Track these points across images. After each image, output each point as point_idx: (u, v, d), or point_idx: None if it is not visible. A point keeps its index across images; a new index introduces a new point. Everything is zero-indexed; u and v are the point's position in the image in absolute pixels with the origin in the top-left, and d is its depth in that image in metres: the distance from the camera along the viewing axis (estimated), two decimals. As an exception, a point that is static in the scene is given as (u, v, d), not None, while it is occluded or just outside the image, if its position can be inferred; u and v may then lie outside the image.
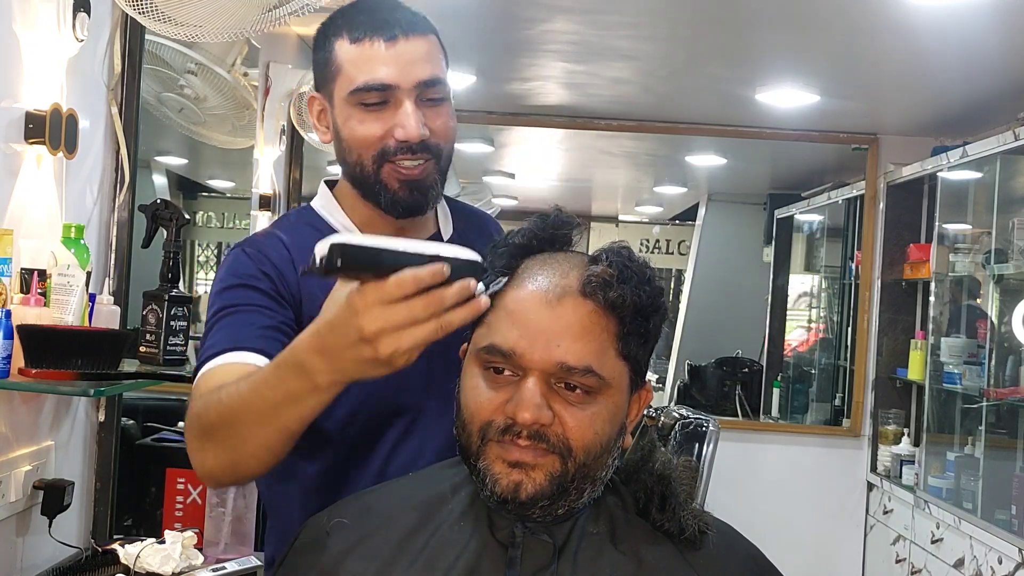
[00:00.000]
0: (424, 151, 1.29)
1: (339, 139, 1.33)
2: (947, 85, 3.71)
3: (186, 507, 2.27)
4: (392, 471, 1.30)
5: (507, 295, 1.08)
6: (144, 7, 1.79)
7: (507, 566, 1.07)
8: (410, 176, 1.29)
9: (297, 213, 1.43)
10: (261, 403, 1.06)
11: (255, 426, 1.08)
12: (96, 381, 1.75)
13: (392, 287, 0.92)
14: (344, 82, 1.29)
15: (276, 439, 1.09)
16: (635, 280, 1.07)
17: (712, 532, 1.12)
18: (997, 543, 3.36)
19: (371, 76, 1.27)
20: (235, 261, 1.31)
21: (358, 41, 1.28)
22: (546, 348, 1.04)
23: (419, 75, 1.27)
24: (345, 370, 0.99)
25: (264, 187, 3.16)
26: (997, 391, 3.65)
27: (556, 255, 1.12)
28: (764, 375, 5.95)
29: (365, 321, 0.94)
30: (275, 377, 1.05)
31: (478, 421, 1.07)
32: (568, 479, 1.06)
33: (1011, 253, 3.58)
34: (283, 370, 1.04)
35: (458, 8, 3.10)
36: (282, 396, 1.04)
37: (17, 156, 1.79)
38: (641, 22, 3.21)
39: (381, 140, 1.28)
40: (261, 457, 1.11)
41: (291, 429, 1.08)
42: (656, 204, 7.73)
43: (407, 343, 0.95)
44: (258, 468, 1.13)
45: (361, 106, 1.28)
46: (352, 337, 0.95)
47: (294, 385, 1.03)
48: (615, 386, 1.08)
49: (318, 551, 1.12)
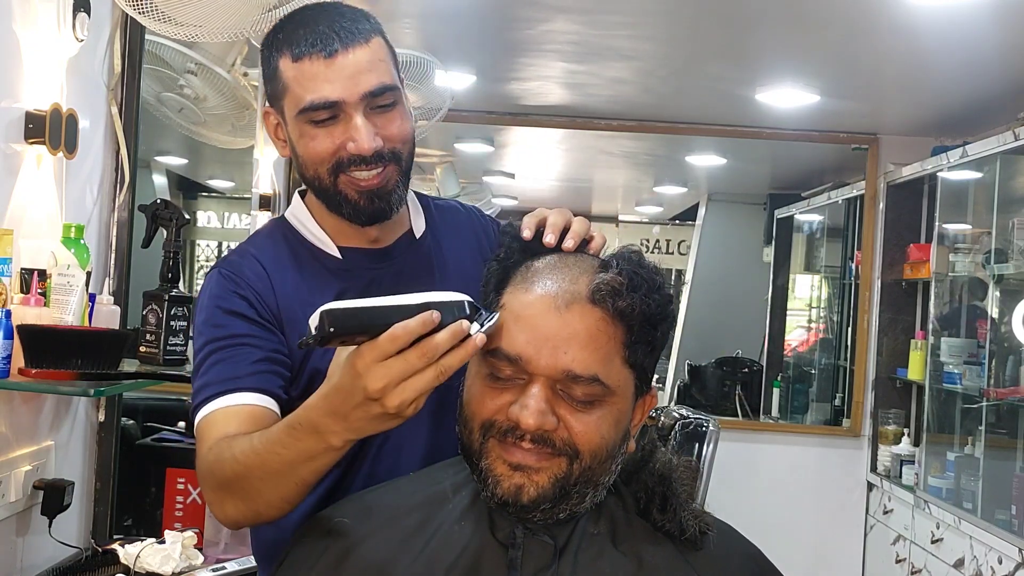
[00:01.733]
0: (379, 160, 1.28)
1: (295, 154, 1.33)
2: (947, 85, 3.71)
3: (186, 507, 2.27)
4: (380, 472, 1.30)
5: (515, 298, 1.07)
6: (144, 7, 1.79)
7: (508, 567, 1.06)
8: (369, 186, 1.29)
9: (270, 226, 1.43)
10: (277, 461, 1.09)
11: (271, 482, 1.11)
12: (96, 381, 1.75)
13: (386, 343, 0.96)
14: (292, 100, 1.29)
15: (294, 491, 1.12)
16: (645, 288, 1.06)
17: (713, 532, 1.12)
18: (997, 543, 3.36)
19: (316, 95, 1.26)
20: (215, 286, 1.31)
21: (299, 59, 1.26)
22: (553, 355, 1.03)
23: (364, 87, 1.26)
24: (359, 428, 1.03)
25: (264, 187, 3.16)
26: (997, 391, 3.65)
27: (566, 258, 1.11)
28: (764, 375, 5.94)
29: (368, 381, 0.97)
30: (290, 437, 1.08)
31: (479, 419, 1.07)
32: (571, 482, 1.05)
33: (1011, 253, 3.58)
34: (298, 431, 1.07)
35: (458, 8, 3.10)
36: (297, 455, 1.07)
37: (17, 156, 1.79)
38: (641, 22, 3.21)
39: (334, 154, 1.28)
40: (281, 507, 1.14)
41: (308, 482, 1.11)
42: (656, 204, 7.73)
43: (410, 394, 0.98)
44: (279, 514, 1.16)
45: (312, 123, 1.28)
46: (359, 398, 0.99)
47: (309, 445, 1.06)
48: (620, 394, 1.07)
49: (319, 551, 1.11)
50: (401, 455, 1.32)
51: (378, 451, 1.32)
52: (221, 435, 1.18)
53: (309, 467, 1.08)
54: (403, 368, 0.96)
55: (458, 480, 1.14)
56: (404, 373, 0.97)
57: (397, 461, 1.31)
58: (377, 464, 1.32)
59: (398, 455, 1.32)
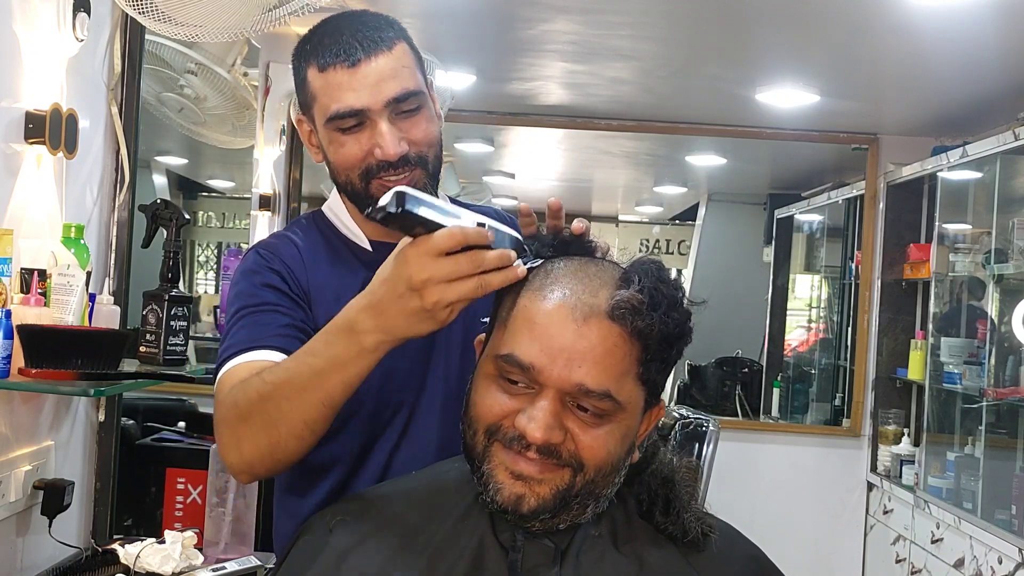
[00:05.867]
0: (405, 165, 1.31)
1: (327, 160, 1.37)
2: (947, 85, 3.71)
3: (186, 507, 2.27)
4: (396, 467, 1.31)
5: (532, 304, 1.05)
6: (144, 7, 1.79)
7: (509, 568, 1.06)
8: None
9: (309, 217, 1.47)
10: (307, 371, 1.11)
11: (298, 398, 1.11)
12: (96, 381, 1.75)
13: (441, 238, 1.01)
14: (320, 109, 1.33)
15: (318, 412, 1.12)
16: (665, 306, 1.03)
17: (715, 534, 1.11)
18: (997, 543, 3.36)
19: (341, 104, 1.30)
20: (251, 262, 1.36)
21: (324, 69, 1.31)
22: (566, 367, 1.02)
23: (387, 94, 1.29)
24: (392, 327, 1.06)
25: (264, 187, 3.16)
26: (997, 391, 3.65)
27: (588, 266, 1.08)
28: (764, 375, 5.94)
29: (414, 269, 1.01)
30: (323, 343, 1.10)
31: (485, 422, 1.06)
32: (573, 494, 1.05)
33: (1011, 253, 3.58)
34: (331, 335, 1.10)
35: (458, 8, 3.11)
36: (328, 362, 1.09)
37: (17, 156, 1.79)
38: (641, 22, 3.21)
39: (363, 160, 1.32)
40: (302, 435, 1.13)
41: (334, 399, 1.11)
42: (656, 204, 7.73)
43: (451, 295, 1.02)
44: (297, 448, 1.15)
45: (339, 131, 1.32)
46: (401, 288, 1.03)
47: (341, 348, 1.08)
48: (629, 410, 1.06)
49: (320, 549, 1.11)
50: (417, 448, 1.32)
51: (393, 449, 1.33)
52: (247, 376, 1.18)
53: (339, 377, 1.09)
54: (451, 268, 1.01)
55: (461, 479, 1.14)
56: (450, 274, 1.01)
57: (413, 456, 1.31)
58: (393, 460, 1.32)
59: (412, 453, 1.32)
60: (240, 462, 1.18)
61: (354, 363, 1.09)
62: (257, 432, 1.14)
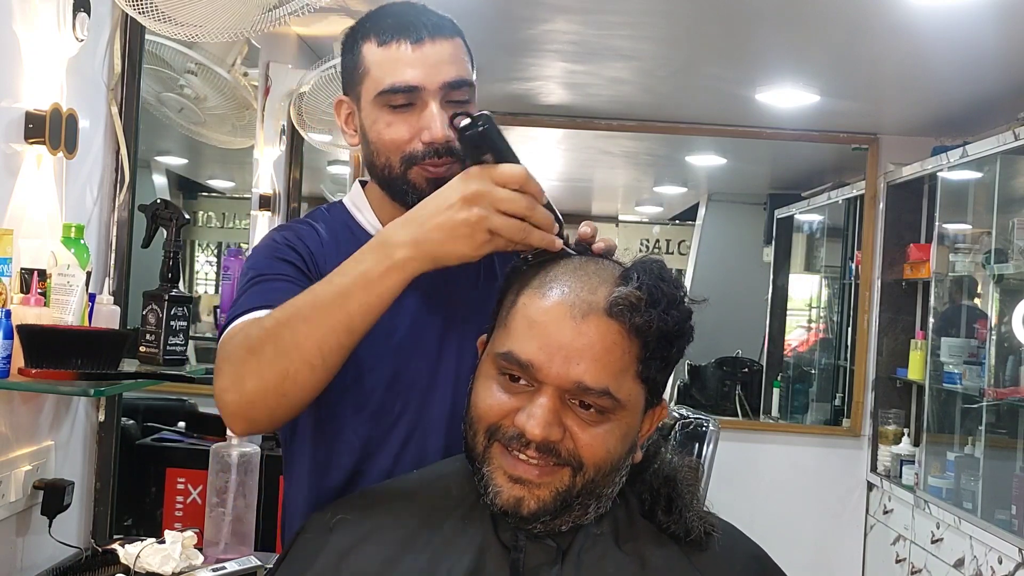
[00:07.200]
0: (449, 154, 1.29)
1: (367, 142, 1.34)
2: (947, 85, 3.71)
3: (186, 507, 2.27)
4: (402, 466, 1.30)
5: (531, 303, 1.06)
6: (144, 7, 1.79)
7: (511, 567, 1.06)
8: (436, 175, 1.29)
9: (330, 208, 1.46)
10: (331, 290, 1.10)
11: (317, 319, 1.09)
12: (96, 381, 1.75)
13: (509, 168, 1.06)
14: (371, 84, 1.31)
15: (336, 338, 1.09)
16: (664, 303, 1.03)
17: (718, 534, 1.11)
18: (997, 543, 3.36)
19: (398, 78, 1.28)
20: (271, 241, 1.34)
21: (385, 44, 1.30)
22: (564, 365, 1.02)
23: (444, 76, 1.29)
24: (427, 238, 1.07)
25: (264, 187, 3.16)
26: (997, 391, 3.65)
27: (587, 265, 1.09)
28: (764, 375, 5.95)
29: (475, 183, 1.06)
30: (353, 261, 1.11)
31: (485, 423, 1.06)
32: (573, 495, 1.05)
33: (1011, 253, 3.58)
34: (363, 252, 1.11)
35: (458, 8, 3.09)
36: (354, 279, 1.09)
37: (17, 156, 1.79)
38: (641, 22, 3.21)
39: (408, 143, 1.29)
40: (313, 363, 1.09)
41: (353, 323, 1.09)
42: (656, 204, 7.73)
43: (497, 222, 1.05)
44: (306, 381, 1.10)
45: (388, 108, 1.30)
46: (453, 198, 1.06)
47: (370, 263, 1.09)
48: (629, 408, 1.06)
49: (321, 548, 1.11)
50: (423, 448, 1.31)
51: (400, 447, 1.32)
52: (257, 317, 1.16)
53: (362, 296, 1.08)
54: (507, 196, 1.05)
55: (462, 478, 1.13)
56: (504, 201, 1.05)
57: (419, 457, 1.30)
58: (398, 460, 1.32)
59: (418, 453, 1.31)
60: (240, 400, 1.12)
61: (380, 281, 1.08)
62: (265, 365, 1.09)
